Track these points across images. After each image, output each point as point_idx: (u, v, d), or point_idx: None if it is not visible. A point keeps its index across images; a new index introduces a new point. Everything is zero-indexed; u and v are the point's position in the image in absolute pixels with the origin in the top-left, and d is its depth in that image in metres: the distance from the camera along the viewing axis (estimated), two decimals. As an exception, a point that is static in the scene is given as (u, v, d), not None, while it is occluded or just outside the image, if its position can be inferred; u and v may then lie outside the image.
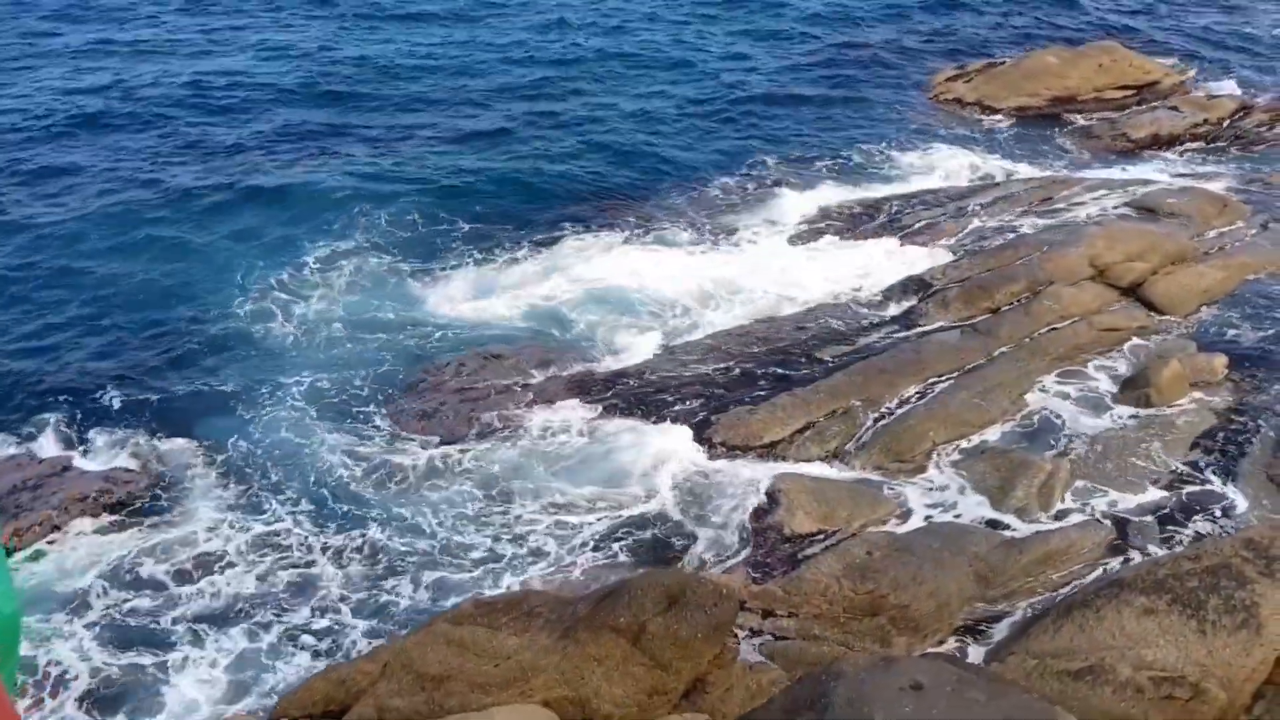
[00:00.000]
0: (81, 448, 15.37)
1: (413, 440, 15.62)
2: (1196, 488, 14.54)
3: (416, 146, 25.35)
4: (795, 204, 22.68)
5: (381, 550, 13.53)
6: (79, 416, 15.93)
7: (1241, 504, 14.26)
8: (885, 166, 24.67)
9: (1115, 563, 12.97)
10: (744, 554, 13.18)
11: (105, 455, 15.23)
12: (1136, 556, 13.16)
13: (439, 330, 18.36)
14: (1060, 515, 13.91)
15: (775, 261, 20.39)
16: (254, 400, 16.49)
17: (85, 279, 19.76)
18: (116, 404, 16.28)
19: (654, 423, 15.69)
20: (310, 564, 13.36)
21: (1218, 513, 14.10)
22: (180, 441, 15.57)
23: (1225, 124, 26.55)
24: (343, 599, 12.80)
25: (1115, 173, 23.95)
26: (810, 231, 21.54)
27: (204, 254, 20.66)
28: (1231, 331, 17.91)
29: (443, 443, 15.55)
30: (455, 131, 26.30)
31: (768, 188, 23.49)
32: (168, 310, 18.84)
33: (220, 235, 21.26)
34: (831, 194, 23.17)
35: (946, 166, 24.41)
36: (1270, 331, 17.92)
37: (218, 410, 16.31)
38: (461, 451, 15.27)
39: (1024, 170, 24.12)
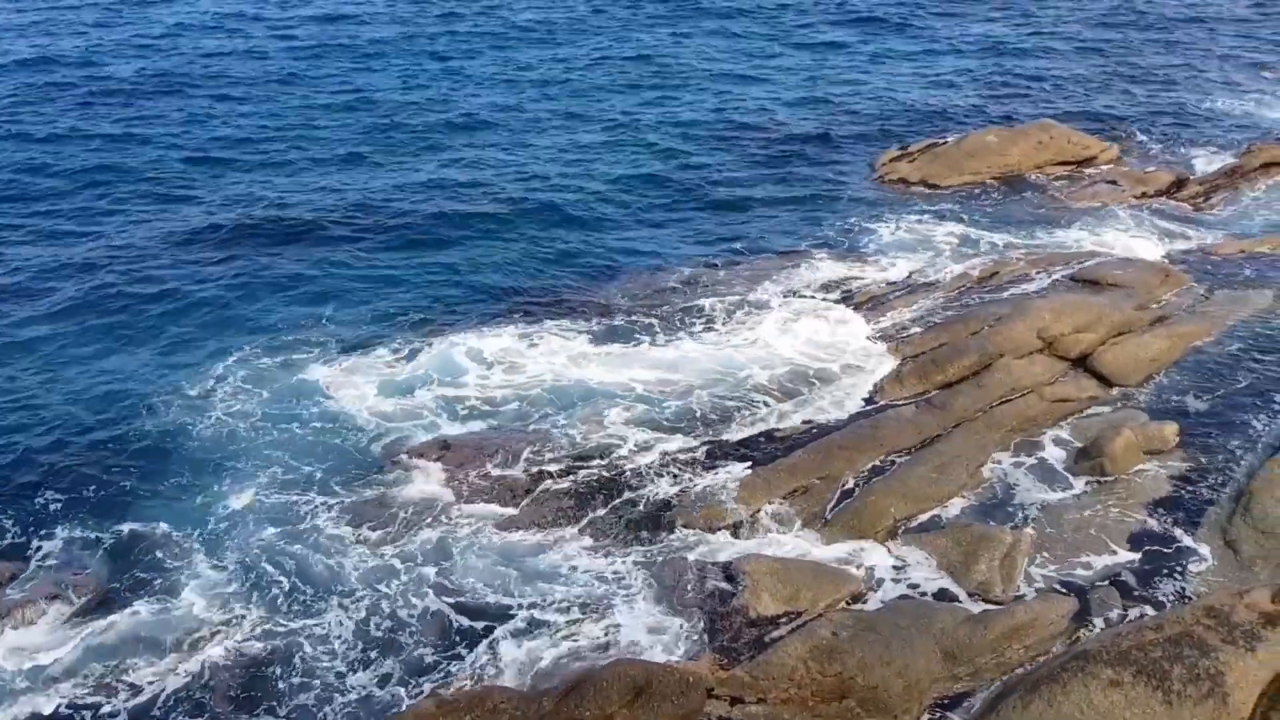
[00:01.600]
0: (36, 547, 15.11)
1: (360, 530, 15.44)
2: (1155, 555, 14.66)
3: (352, 237, 25.39)
4: (745, 286, 22.87)
5: (337, 641, 13.33)
6: (23, 517, 15.69)
7: (1200, 569, 14.39)
8: (834, 246, 24.98)
9: (1080, 634, 13.01)
10: (710, 639, 13.05)
11: (58, 555, 14.96)
12: (1100, 625, 13.22)
13: (367, 426, 18.18)
14: (1023, 588, 13.96)
15: (728, 342, 20.50)
16: (195, 494, 16.30)
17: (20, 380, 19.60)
18: (59, 503, 16.05)
19: (614, 509, 15.64)
20: (266, 658, 13.11)
21: (1178, 579, 14.22)
22: (128, 536, 15.35)
23: (1162, 196, 27.30)
24: (301, 690, 12.57)
25: (1058, 245, 24.46)
26: (761, 311, 21.68)
27: (142, 351, 20.57)
28: (1180, 399, 18.22)
29: (384, 536, 15.32)
30: (390, 220, 26.44)
31: (716, 271, 23.69)
32: (109, 408, 18.62)
33: (154, 334, 21.21)
34: (782, 275, 23.38)
35: (895, 244, 24.81)
36: (1218, 397, 18.25)
37: (163, 505, 16.10)
38: (399, 544, 15.07)
39: (970, 246, 24.57)
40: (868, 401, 18.25)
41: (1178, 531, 15.11)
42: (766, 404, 18.20)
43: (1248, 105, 35.61)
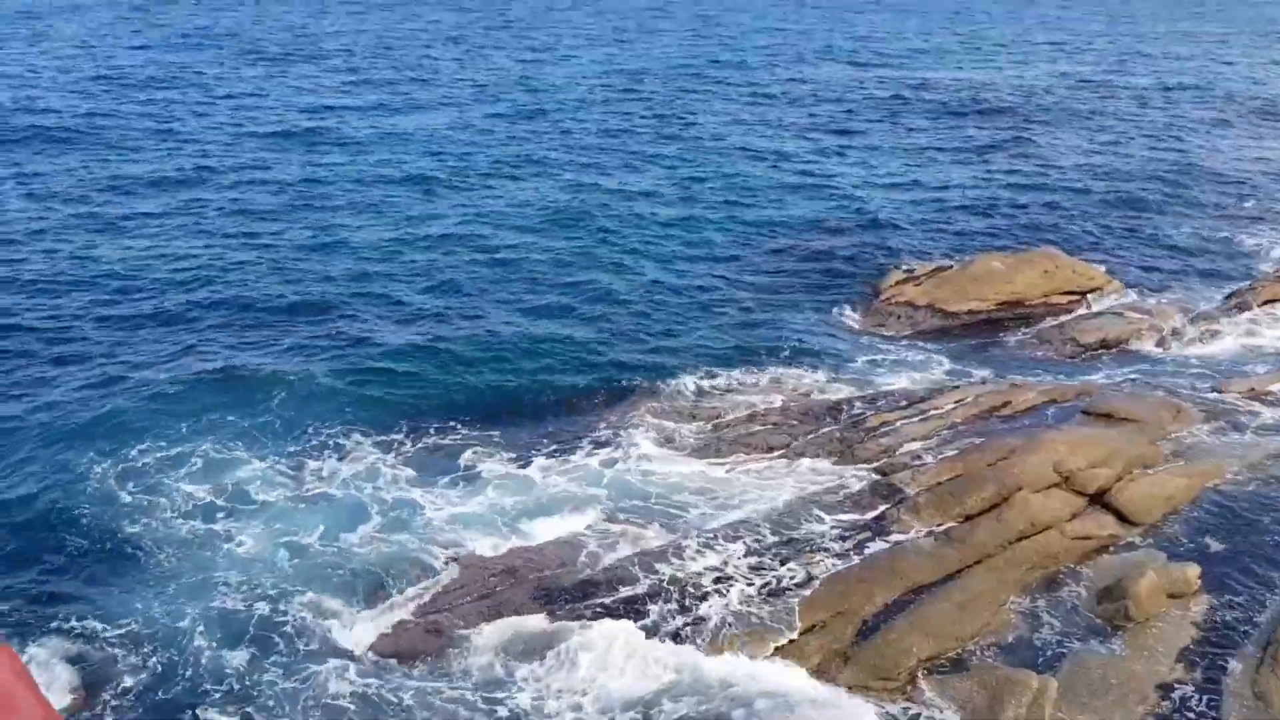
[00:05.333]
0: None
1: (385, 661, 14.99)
2: (1183, 706, 14.24)
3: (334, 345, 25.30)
4: (755, 408, 22.74)
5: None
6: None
7: (1231, 721, 13.99)
8: (842, 368, 24.95)
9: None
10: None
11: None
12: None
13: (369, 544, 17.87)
14: (1052, 738, 13.51)
15: (739, 466, 20.27)
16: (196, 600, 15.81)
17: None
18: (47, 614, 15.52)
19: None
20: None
21: (1208, 733, 13.80)
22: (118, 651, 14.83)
23: (1171, 330, 27.44)
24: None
25: (1068, 377, 24.44)
26: (771, 435, 21.50)
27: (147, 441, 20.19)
28: (1200, 539, 17.94)
29: (400, 660, 14.90)
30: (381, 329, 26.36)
31: (724, 393, 23.59)
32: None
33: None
34: (790, 397, 23.28)
35: (903, 369, 24.78)
36: (1237, 539, 17.99)
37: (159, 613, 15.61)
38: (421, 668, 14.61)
39: (980, 374, 24.54)
40: (883, 533, 17.93)
41: (1205, 681, 14.71)
42: (776, 534, 17.86)
43: (1251, 240, 36.13)
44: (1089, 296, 29.66)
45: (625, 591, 16.33)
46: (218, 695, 14.24)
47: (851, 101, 59.86)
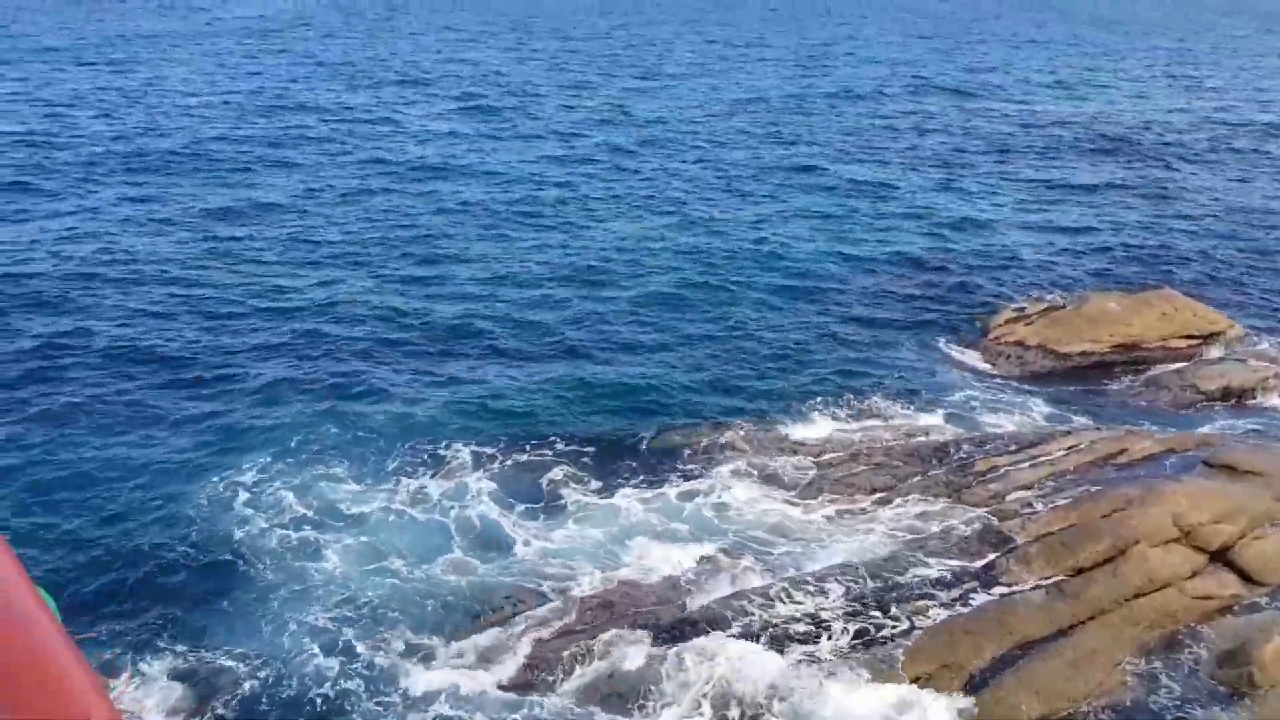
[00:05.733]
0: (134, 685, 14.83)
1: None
2: (1315, 783, 13.45)
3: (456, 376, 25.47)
4: (857, 447, 22.29)
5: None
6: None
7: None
8: (948, 408, 24.32)
9: None
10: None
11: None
12: None
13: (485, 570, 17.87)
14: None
15: (840, 506, 19.84)
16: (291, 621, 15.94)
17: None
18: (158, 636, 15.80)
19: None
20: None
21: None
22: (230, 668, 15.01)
23: (1296, 379, 26.24)
24: None
25: (1188, 426, 23.47)
26: (874, 475, 21.02)
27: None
28: (1331, 604, 16.99)
29: (491, 690, 14.83)
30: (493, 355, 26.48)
31: (826, 430, 23.17)
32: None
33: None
34: (894, 436, 22.77)
35: (1012, 410, 24.07)
36: (1372, 606, 16.99)
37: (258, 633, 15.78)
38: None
39: (1094, 419, 23.71)
40: (991, 583, 17.33)
41: (1339, 758, 13.89)
42: (878, 579, 17.40)
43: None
44: (1210, 341, 28.51)
45: (722, 632, 16.03)
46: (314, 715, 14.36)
47: (960, 134, 58.91)
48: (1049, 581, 17.07)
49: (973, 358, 27.49)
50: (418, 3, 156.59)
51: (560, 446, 22.12)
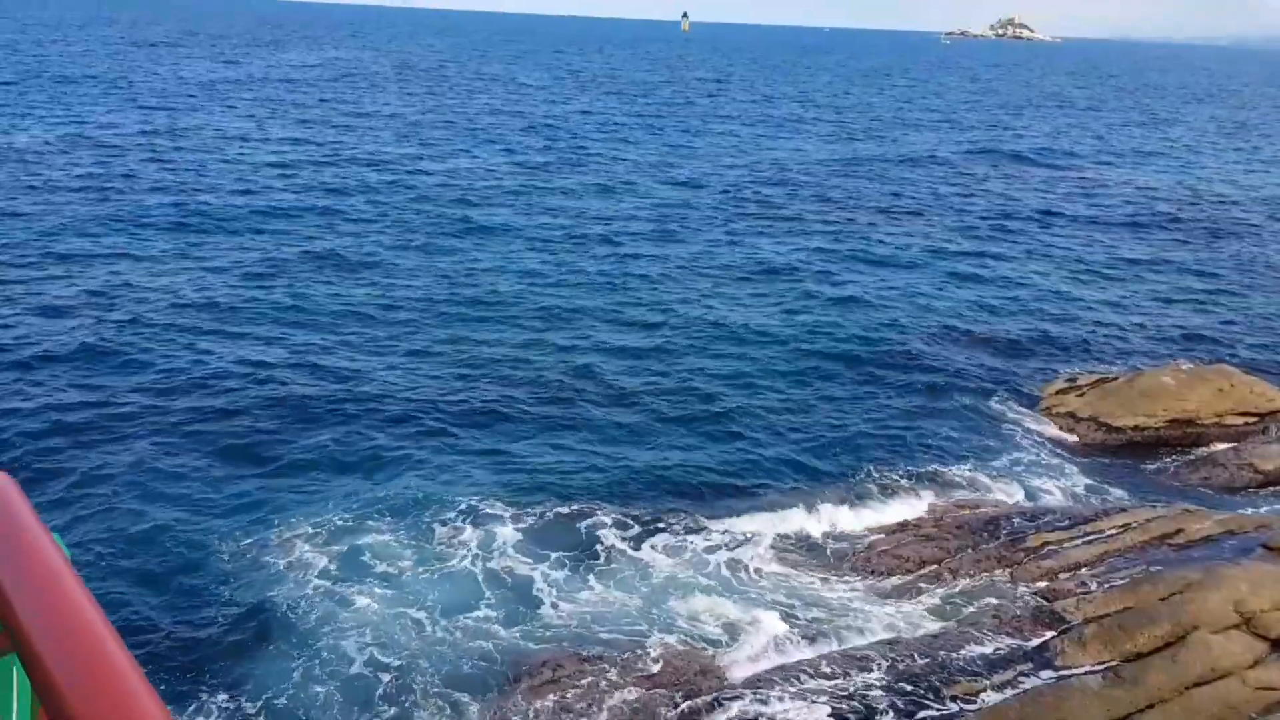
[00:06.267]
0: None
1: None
2: None
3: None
4: (905, 516, 21.86)
5: None
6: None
7: None
8: (998, 480, 23.83)
9: None
10: None
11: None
12: None
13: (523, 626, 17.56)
14: None
15: (886, 578, 19.39)
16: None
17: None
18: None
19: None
20: None
21: None
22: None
23: (1361, 462, 25.45)
24: None
25: (1246, 506, 22.81)
26: (921, 547, 20.54)
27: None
28: (1402, 701, 16.24)
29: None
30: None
31: (872, 497, 22.75)
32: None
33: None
34: (943, 508, 22.30)
35: (1065, 484, 23.53)
36: None
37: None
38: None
39: (1148, 496, 23.11)
40: (1044, 666, 16.78)
41: None
42: (925, 658, 16.90)
43: None
44: (1268, 419, 27.80)
45: (764, 706, 15.58)
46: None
47: (1011, 200, 58.62)
48: (1105, 666, 16.49)
49: (1023, 429, 26.97)
50: (468, 55, 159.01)
51: (603, 502, 21.86)
